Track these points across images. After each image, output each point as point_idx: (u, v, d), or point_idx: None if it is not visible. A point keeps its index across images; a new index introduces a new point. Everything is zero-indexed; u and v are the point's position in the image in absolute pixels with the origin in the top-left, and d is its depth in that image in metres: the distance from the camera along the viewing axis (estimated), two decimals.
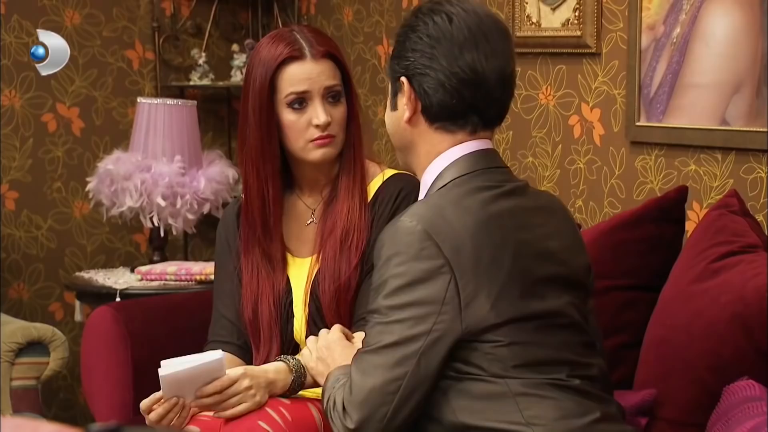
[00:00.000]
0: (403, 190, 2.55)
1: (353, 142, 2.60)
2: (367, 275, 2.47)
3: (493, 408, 2.02)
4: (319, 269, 2.57)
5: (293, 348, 2.59)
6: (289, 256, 2.63)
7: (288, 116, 2.54)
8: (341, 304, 2.53)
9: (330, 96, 2.55)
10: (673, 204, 2.75)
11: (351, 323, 2.51)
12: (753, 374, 2.26)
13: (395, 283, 2.02)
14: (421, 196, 2.17)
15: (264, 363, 2.50)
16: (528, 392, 2.02)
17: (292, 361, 2.43)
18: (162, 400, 2.35)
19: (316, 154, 2.55)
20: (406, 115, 2.12)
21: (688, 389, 2.40)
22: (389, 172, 2.62)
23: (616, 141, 3.28)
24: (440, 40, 2.08)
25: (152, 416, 2.35)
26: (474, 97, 2.09)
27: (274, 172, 2.56)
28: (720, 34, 2.94)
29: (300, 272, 2.61)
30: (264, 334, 2.57)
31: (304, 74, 2.53)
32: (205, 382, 2.33)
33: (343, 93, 2.58)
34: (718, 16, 2.95)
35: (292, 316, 2.58)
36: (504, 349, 2.02)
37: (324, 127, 2.53)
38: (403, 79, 2.11)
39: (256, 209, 2.58)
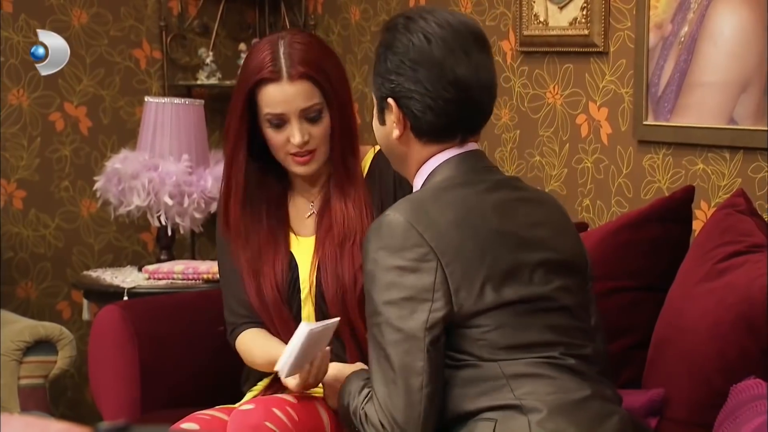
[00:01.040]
0: None
1: (343, 152, 2.61)
2: None
3: (486, 391, 2.05)
4: (320, 258, 2.59)
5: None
6: (293, 236, 2.65)
7: (268, 130, 2.59)
8: (348, 305, 2.54)
9: (307, 117, 2.57)
10: (680, 204, 2.74)
11: (363, 325, 2.50)
12: (760, 374, 2.26)
13: (386, 278, 2.05)
14: None
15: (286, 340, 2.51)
16: (521, 373, 2.05)
17: None
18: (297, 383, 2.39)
19: (297, 169, 2.61)
20: (396, 133, 2.17)
21: (696, 389, 2.40)
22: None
23: (623, 140, 3.28)
24: (421, 63, 2.12)
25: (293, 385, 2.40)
26: (461, 113, 2.14)
27: (243, 169, 2.60)
28: (728, 33, 2.94)
29: (305, 249, 2.63)
30: (275, 321, 2.58)
31: (280, 96, 2.55)
32: (315, 346, 2.34)
33: (324, 109, 2.57)
34: (725, 15, 2.94)
35: (299, 290, 2.60)
36: (493, 333, 2.05)
37: (302, 145, 2.56)
38: (391, 100, 2.16)
39: (239, 189, 2.62)
